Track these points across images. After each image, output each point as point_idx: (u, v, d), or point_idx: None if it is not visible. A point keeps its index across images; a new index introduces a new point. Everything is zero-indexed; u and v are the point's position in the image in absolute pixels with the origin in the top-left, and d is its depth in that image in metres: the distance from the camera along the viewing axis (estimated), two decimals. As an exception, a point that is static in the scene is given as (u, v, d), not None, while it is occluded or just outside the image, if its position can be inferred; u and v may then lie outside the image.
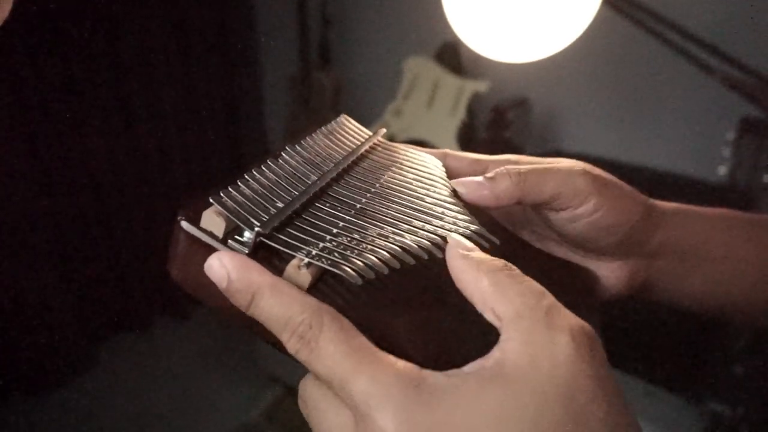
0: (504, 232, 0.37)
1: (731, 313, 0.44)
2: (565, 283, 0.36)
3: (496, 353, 0.23)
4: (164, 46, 1.82)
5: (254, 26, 2.13)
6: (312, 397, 0.26)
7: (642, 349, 1.17)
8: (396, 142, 0.41)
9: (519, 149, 1.56)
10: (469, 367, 0.23)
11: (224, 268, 0.26)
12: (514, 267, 0.27)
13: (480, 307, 0.25)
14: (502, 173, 0.33)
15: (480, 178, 0.34)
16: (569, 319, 0.24)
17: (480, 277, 0.26)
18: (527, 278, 0.26)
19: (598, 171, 0.35)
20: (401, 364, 0.23)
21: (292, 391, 1.59)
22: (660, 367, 1.17)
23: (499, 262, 0.27)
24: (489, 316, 0.25)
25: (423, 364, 0.24)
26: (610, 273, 0.37)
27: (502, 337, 0.24)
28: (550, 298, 0.25)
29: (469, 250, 0.27)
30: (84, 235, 1.74)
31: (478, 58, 0.71)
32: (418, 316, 0.26)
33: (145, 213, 1.86)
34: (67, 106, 1.63)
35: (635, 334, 1.09)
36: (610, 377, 0.24)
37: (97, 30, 1.65)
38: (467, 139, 1.63)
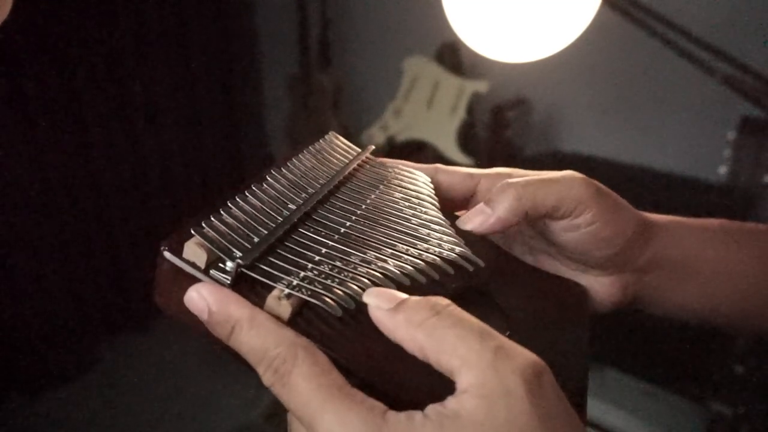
0: (494, 248, 0.37)
1: (724, 325, 0.43)
2: (556, 298, 0.35)
3: (453, 404, 0.23)
4: (164, 46, 1.82)
5: (254, 26, 2.14)
6: (295, 427, 0.26)
7: (642, 349, 1.17)
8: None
9: (519, 149, 1.56)
10: (429, 410, 0.23)
11: (204, 300, 0.26)
12: (444, 303, 0.25)
13: (423, 360, 0.25)
14: (497, 191, 0.33)
15: (481, 207, 0.33)
16: (517, 357, 0.23)
17: (414, 334, 0.25)
18: (463, 316, 0.25)
19: (596, 181, 0.35)
20: (368, 403, 0.24)
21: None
22: (660, 367, 1.17)
23: (427, 306, 0.25)
24: (438, 369, 0.24)
25: (397, 393, 0.25)
26: (601, 287, 0.37)
27: (457, 389, 0.23)
28: (493, 338, 0.24)
29: (391, 301, 0.26)
30: (84, 235, 1.74)
31: (478, 58, 0.71)
32: (396, 346, 0.26)
33: (145, 213, 1.86)
34: (67, 104, 1.63)
35: (635, 334, 1.09)
36: (562, 411, 0.24)
37: (97, 30, 1.65)
38: (467, 139, 1.63)
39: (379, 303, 0.26)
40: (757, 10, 1.32)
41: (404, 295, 0.26)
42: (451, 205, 0.37)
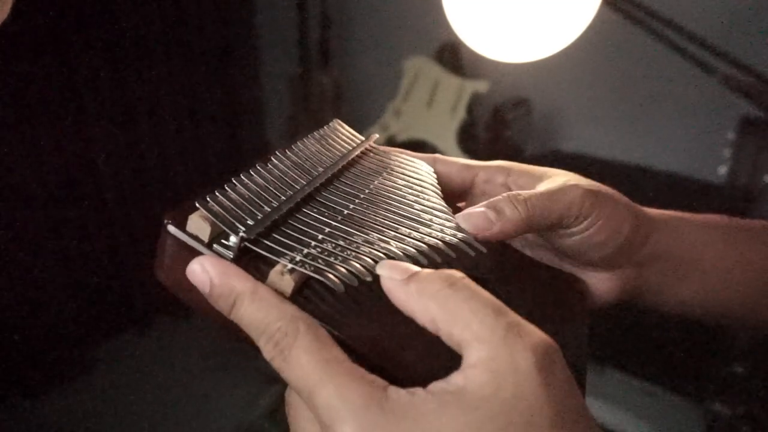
0: None
1: (723, 320, 0.43)
2: (556, 291, 0.35)
3: (458, 379, 0.23)
4: (164, 46, 1.82)
5: (254, 26, 2.14)
6: (292, 405, 0.26)
7: (642, 349, 1.17)
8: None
9: (519, 149, 1.56)
10: (432, 386, 0.23)
11: (206, 273, 0.26)
12: (459, 275, 0.25)
13: (434, 332, 0.24)
14: (508, 203, 0.32)
15: (483, 210, 0.32)
16: (531, 336, 0.23)
17: (427, 305, 0.24)
18: (478, 290, 0.25)
19: (593, 185, 0.34)
20: (368, 378, 0.24)
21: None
22: (660, 367, 1.17)
23: (441, 277, 0.25)
24: (448, 342, 0.24)
25: (398, 373, 0.25)
26: (600, 282, 0.37)
27: (465, 363, 0.23)
28: (507, 314, 0.24)
29: (404, 272, 0.26)
30: (84, 234, 1.74)
31: (478, 58, 0.71)
32: (398, 325, 0.26)
33: (144, 213, 1.86)
34: (67, 105, 1.63)
35: (635, 334, 1.10)
36: (570, 395, 0.24)
37: (97, 30, 1.65)
38: (467, 139, 1.63)
39: (392, 274, 0.26)
40: (757, 10, 1.32)
41: (417, 268, 0.26)
42: (449, 195, 0.37)
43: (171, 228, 0.28)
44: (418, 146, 1.60)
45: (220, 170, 2.08)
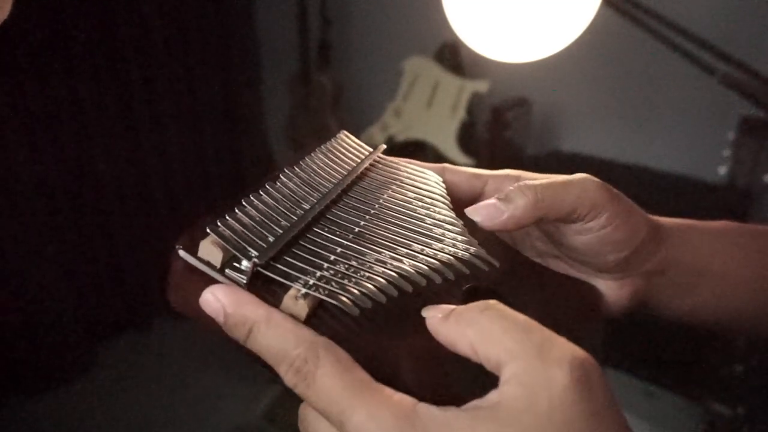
0: (505, 249, 0.37)
1: (733, 328, 0.43)
2: (569, 299, 0.35)
3: (494, 396, 0.23)
4: (165, 46, 1.82)
5: (254, 26, 2.14)
6: (312, 425, 0.26)
7: (642, 349, 1.17)
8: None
9: (519, 149, 1.56)
10: (467, 405, 0.23)
11: (219, 302, 0.26)
12: (491, 302, 0.26)
13: (476, 360, 0.25)
14: (516, 190, 0.32)
15: (493, 201, 0.32)
16: (565, 350, 0.23)
17: (464, 332, 0.25)
18: (509, 311, 0.25)
19: (608, 185, 0.34)
20: (397, 397, 0.24)
21: (292, 392, 1.59)
22: (660, 367, 1.17)
23: (474, 306, 0.25)
24: (488, 367, 0.24)
25: (420, 393, 0.24)
26: (610, 291, 0.36)
27: (501, 380, 0.23)
28: (540, 331, 0.24)
29: (444, 311, 0.26)
30: (84, 235, 1.74)
31: (478, 58, 0.71)
32: (417, 344, 0.26)
33: (145, 212, 1.86)
34: (67, 105, 1.63)
35: (636, 334, 1.10)
36: (609, 411, 0.23)
37: (97, 30, 1.65)
38: (467, 139, 1.63)
39: (434, 314, 0.26)
40: (757, 10, 1.33)
41: (454, 307, 0.26)
42: (458, 205, 0.36)
43: (182, 254, 0.28)
44: (418, 146, 1.60)
45: (221, 170, 2.08)
